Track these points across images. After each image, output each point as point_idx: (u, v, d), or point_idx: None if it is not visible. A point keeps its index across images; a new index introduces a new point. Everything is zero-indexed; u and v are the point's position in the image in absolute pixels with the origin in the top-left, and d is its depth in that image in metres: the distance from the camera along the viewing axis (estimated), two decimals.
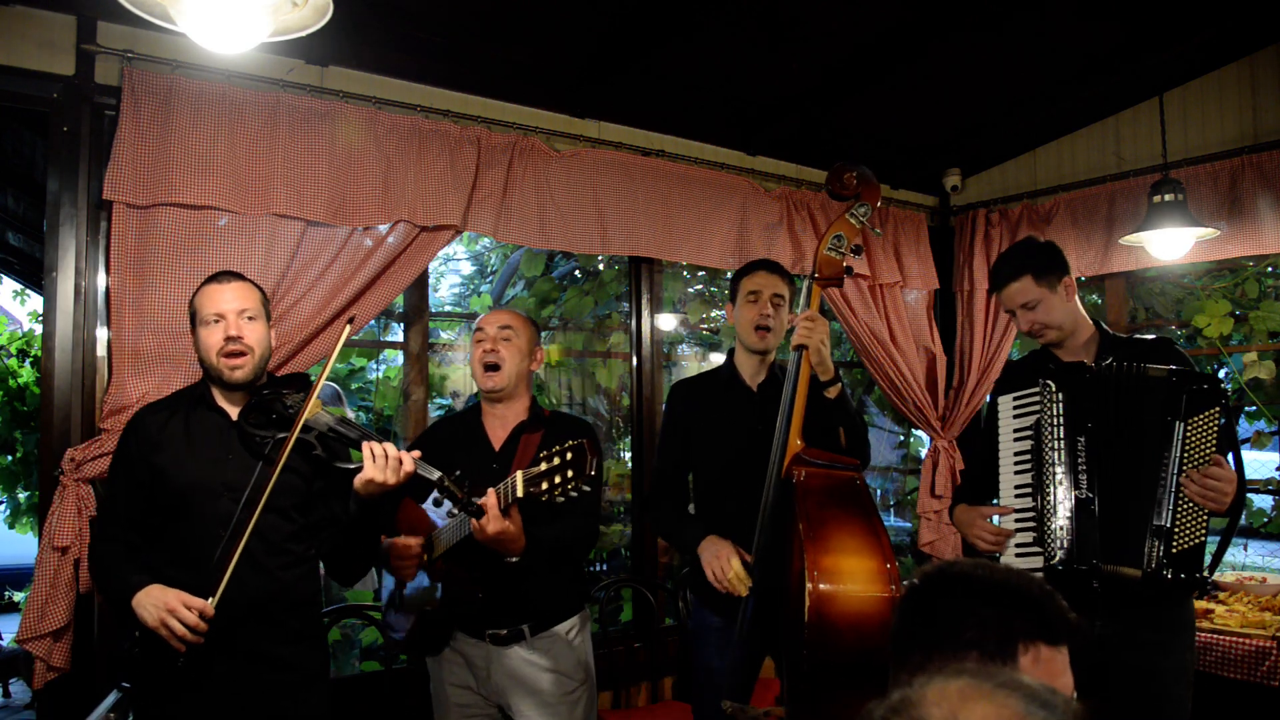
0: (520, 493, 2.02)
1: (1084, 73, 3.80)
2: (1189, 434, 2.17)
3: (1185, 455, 2.17)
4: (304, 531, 2.23)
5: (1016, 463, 2.41)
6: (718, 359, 5.80)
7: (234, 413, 2.21)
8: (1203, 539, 2.15)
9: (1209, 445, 2.16)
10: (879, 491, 6.36)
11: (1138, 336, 2.54)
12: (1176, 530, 2.15)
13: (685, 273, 5.66)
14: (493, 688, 2.45)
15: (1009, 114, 4.16)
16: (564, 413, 2.74)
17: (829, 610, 2.01)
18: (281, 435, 2.11)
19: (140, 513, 2.18)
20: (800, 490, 2.20)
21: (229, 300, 2.18)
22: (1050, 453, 2.31)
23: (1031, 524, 2.33)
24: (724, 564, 2.38)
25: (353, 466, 2.11)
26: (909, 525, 5.61)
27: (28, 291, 6.86)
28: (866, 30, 3.33)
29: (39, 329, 5.47)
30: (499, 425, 2.56)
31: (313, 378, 2.30)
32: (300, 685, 2.19)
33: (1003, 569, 1.15)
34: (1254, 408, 4.52)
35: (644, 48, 3.24)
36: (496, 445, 2.53)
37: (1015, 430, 2.43)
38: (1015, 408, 2.44)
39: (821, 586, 2.02)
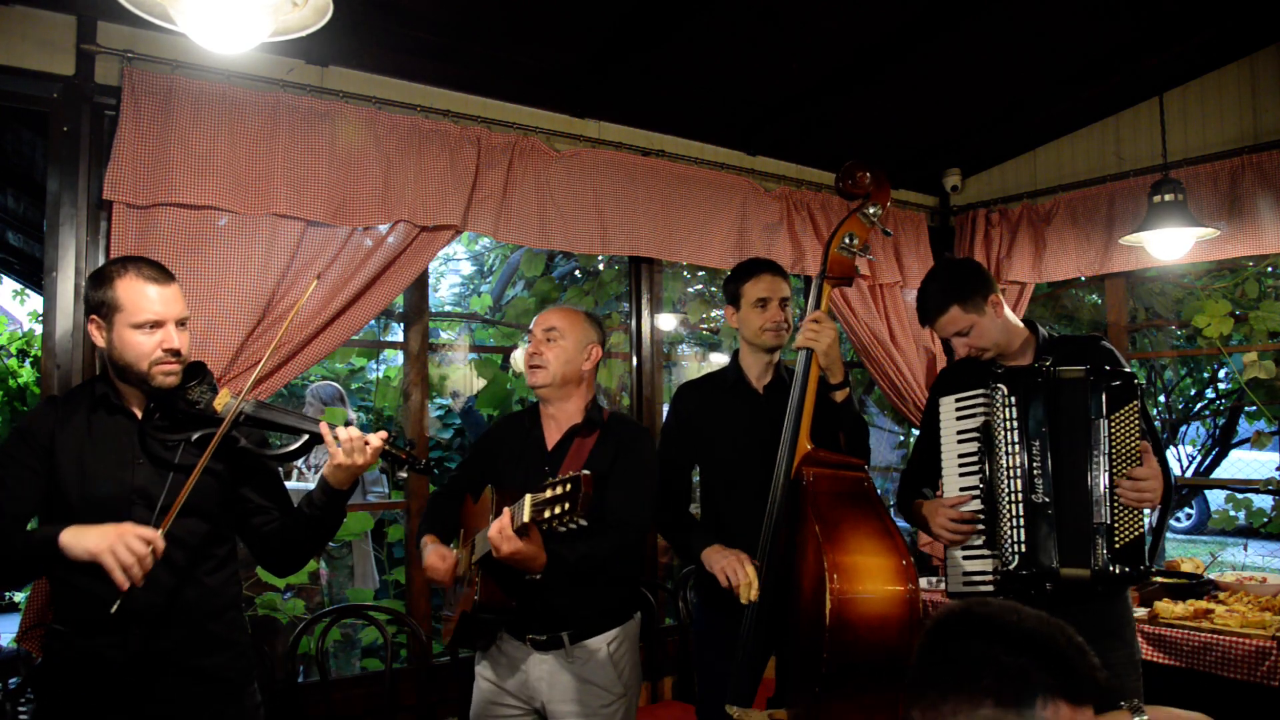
0: (526, 518, 1.96)
1: (1084, 73, 3.80)
2: (1113, 430, 2.23)
3: (1113, 451, 2.22)
4: (226, 532, 2.12)
5: (961, 465, 2.41)
6: (718, 359, 5.81)
7: (140, 412, 2.03)
8: (1142, 531, 2.20)
9: (1134, 439, 2.21)
10: (879, 492, 6.37)
11: (1068, 336, 2.57)
12: (1116, 526, 2.20)
13: (685, 273, 5.66)
14: (529, 691, 2.43)
15: (1009, 114, 4.16)
16: (623, 415, 2.65)
17: (850, 612, 2.00)
18: (198, 435, 1.97)
19: (28, 503, 1.95)
20: (811, 491, 2.20)
21: (170, 307, 1.99)
22: (1004, 456, 2.30)
23: (981, 526, 2.34)
24: (737, 566, 2.34)
25: (291, 449, 2.03)
26: (908, 526, 5.61)
27: (28, 291, 6.87)
28: (866, 30, 3.33)
29: (39, 329, 5.48)
30: (554, 426, 2.52)
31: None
32: (230, 698, 2.07)
33: (1033, 615, 1.11)
34: (1254, 408, 4.52)
35: (644, 48, 3.24)
36: (550, 446, 2.49)
37: (959, 433, 2.43)
38: (959, 410, 2.44)
39: (842, 588, 2.00)
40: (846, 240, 2.40)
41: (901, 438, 5.98)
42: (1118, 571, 2.19)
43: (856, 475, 2.27)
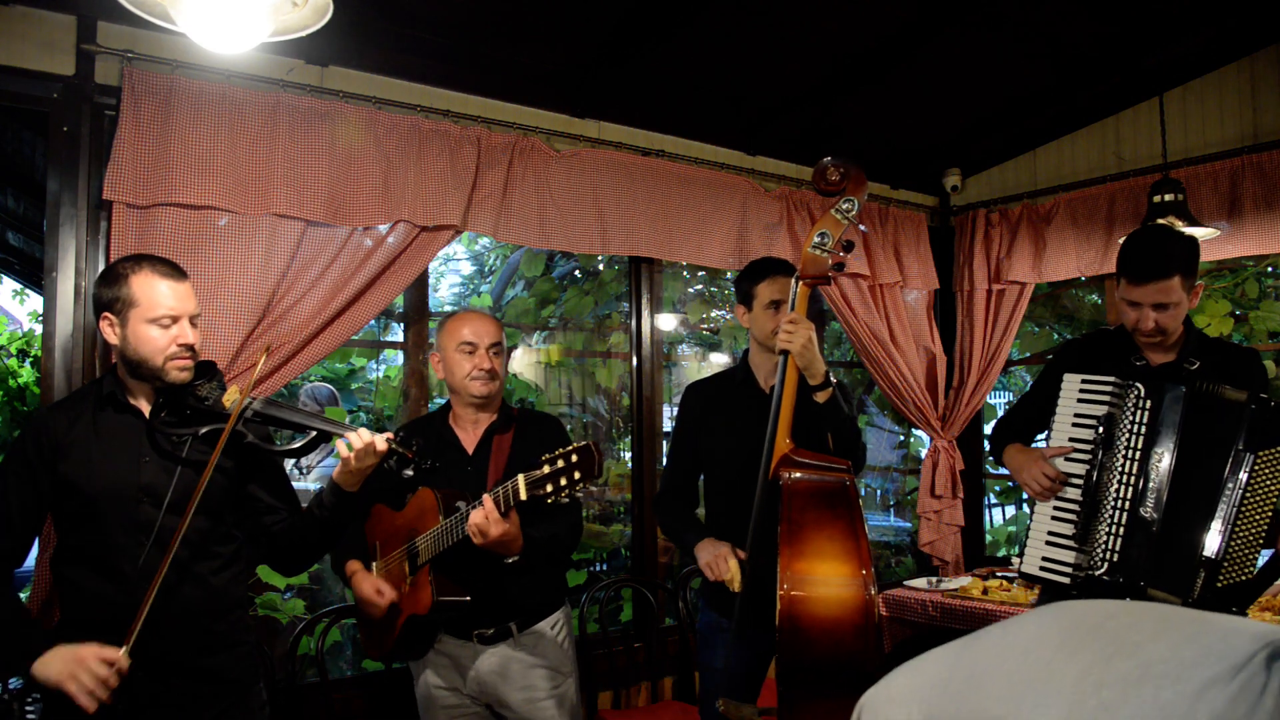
0: (524, 495, 2.06)
1: (1084, 73, 3.80)
2: (1257, 467, 2.05)
3: (1249, 487, 2.04)
4: (232, 531, 2.12)
5: (1070, 450, 2.30)
6: (718, 359, 5.81)
7: (147, 410, 2.03)
8: (1250, 575, 2.07)
9: (1276, 480, 2.07)
10: (879, 492, 6.36)
11: (1222, 340, 2.36)
12: (1225, 564, 2.06)
13: (685, 273, 5.66)
14: (481, 686, 2.46)
15: (1009, 114, 4.16)
16: (530, 410, 2.76)
17: (800, 614, 2.01)
18: (206, 430, 1.99)
19: (32, 527, 1.99)
20: (787, 492, 2.18)
21: (184, 302, 2.01)
22: (1121, 459, 2.19)
23: (1073, 516, 2.24)
24: (721, 561, 2.39)
25: (294, 447, 2.05)
26: (909, 525, 5.61)
27: (28, 291, 6.87)
28: (866, 31, 3.33)
29: (39, 329, 5.48)
30: (470, 427, 2.57)
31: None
32: (235, 698, 2.07)
33: None
34: None
35: (644, 48, 3.25)
36: (469, 448, 2.54)
37: (1077, 416, 2.29)
38: (1083, 392, 2.29)
39: (792, 591, 2.02)
40: (818, 239, 2.33)
41: (901, 437, 5.98)
42: (1211, 609, 2.03)
43: (837, 477, 2.21)
